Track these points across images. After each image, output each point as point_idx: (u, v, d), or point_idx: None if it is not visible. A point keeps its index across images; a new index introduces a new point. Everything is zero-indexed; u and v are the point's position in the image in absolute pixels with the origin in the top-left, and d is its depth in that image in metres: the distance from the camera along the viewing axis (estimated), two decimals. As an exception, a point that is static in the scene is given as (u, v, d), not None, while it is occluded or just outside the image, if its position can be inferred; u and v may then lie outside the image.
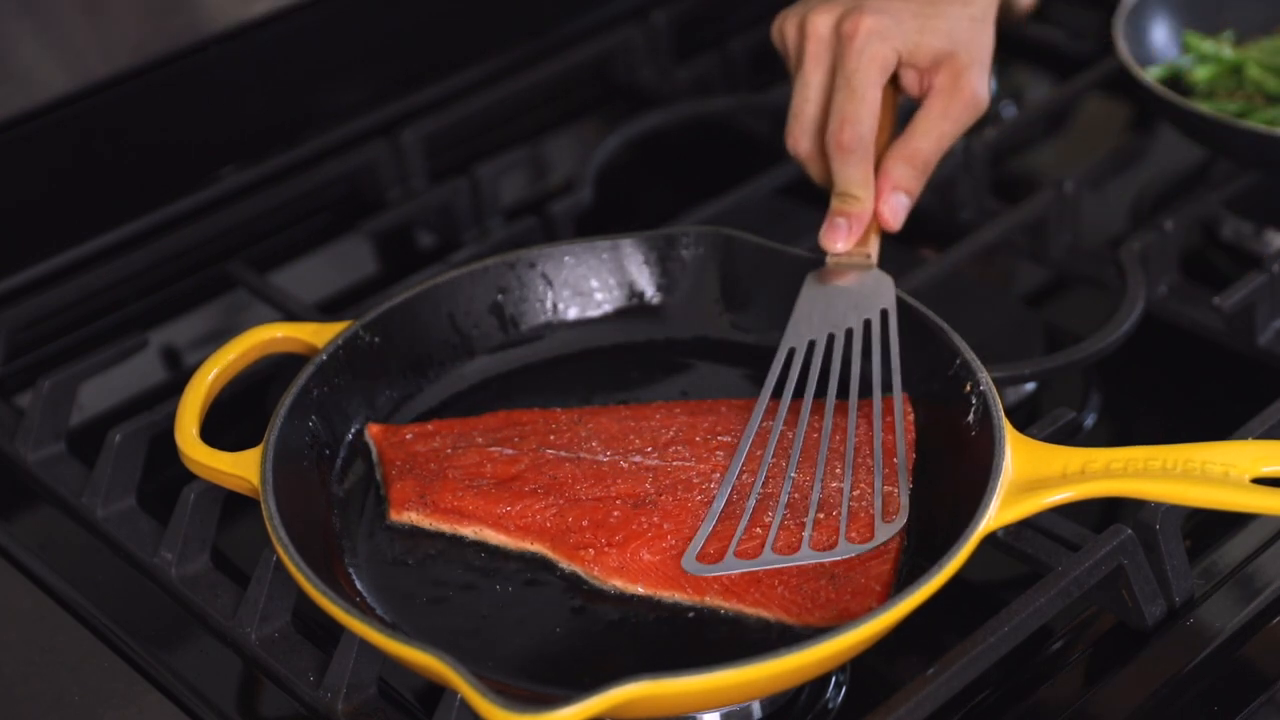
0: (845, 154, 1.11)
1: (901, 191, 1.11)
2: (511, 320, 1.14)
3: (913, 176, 1.12)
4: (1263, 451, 0.93)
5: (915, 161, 1.12)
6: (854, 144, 1.10)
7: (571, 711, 0.83)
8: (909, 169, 1.11)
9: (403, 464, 1.05)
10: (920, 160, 1.12)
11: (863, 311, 1.07)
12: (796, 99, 1.15)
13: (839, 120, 1.11)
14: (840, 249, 1.10)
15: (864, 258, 1.10)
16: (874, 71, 1.11)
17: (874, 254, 1.10)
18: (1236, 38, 1.38)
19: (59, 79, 1.28)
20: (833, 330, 1.06)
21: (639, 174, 1.50)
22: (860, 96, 1.11)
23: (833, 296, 1.08)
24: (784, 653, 0.86)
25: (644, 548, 0.98)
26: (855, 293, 1.08)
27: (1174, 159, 1.42)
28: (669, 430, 1.06)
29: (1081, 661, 1.00)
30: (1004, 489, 0.94)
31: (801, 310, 1.08)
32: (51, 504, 1.15)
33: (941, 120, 1.12)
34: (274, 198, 1.39)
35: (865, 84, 1.11)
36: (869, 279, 1.09)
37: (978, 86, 1.13)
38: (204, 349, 1.31)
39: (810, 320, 1.08)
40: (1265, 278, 1.18)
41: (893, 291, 1.07)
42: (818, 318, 1.08)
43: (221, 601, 1.05)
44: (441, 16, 1.46)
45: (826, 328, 1.07)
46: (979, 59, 1.14)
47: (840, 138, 1.11)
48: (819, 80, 1.14)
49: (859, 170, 1.11)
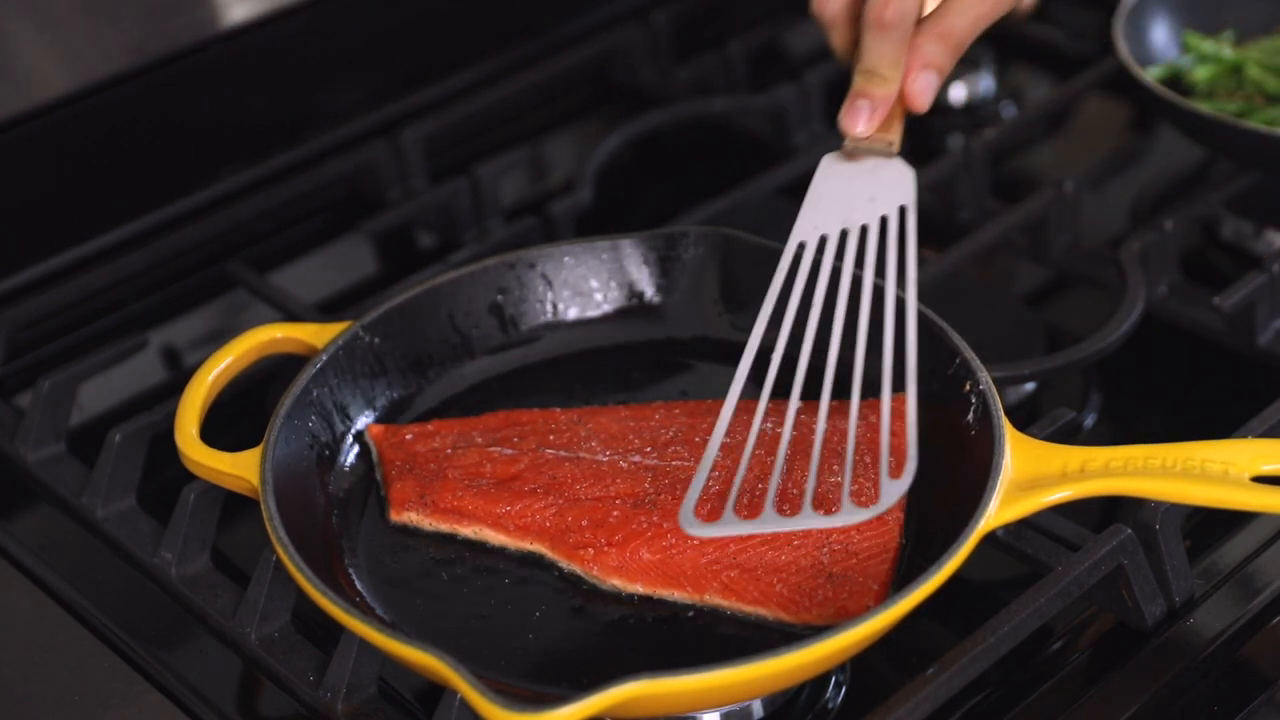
0: (884, 30, 1.02)
1: (932, 70, 1.03)
2: (511, 320, 1.14)
3: (944, 54, 1.04)
4: (1262, 450, 0.93)
5: (949, 40, 1.04)
6: (897, 21, 1.01)
7: (571, 711, 0.83)
8: (940, 47, 1.03)
9: (403, 464, 1.05)
10: (954, 39, 1.04)
11: (879, 205, 1.01)
12: None
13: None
14: (861, 133, 1.03)
15: (885, 144, 1.03)
16: None
17: (896, 141, 1.04)
18: (1236, 38, 1.38)
19: (59, 79, 1.28)
20: (846, 224, 1.00)
21: (639, 174, 1.50)
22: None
23: (849, 183, 1.02)
24: (784, 652, 0.86)
25: (643, 547, 0.98)
26: (873, 182, 1.02)
27: (1174, 159, 1.42)
28: (669, 430, 1.06)
29: (1081, 661, 1.00)
30: (1003, 488, 0.94)
31: (814, 196, 1.02)
32: (51, 504, 1.15)
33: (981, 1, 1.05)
34: (274, 198, 1.39)
35: None
36: (889, 168, 1.02)
37: None
38: (204, 349, 1.31)
39: (823, 209, 1.01)
40: (1265, 278, 1.18)
41: (913, 185, 1.01)
42: (831, 207, 1.01)
43: (221, 601, 1.05)
44: (441, 16, 1.47)
45: (839, 220, 1.01)
46: None
47: (884, 13, 1.01)
48: None
49: (894, 49, 1.02)
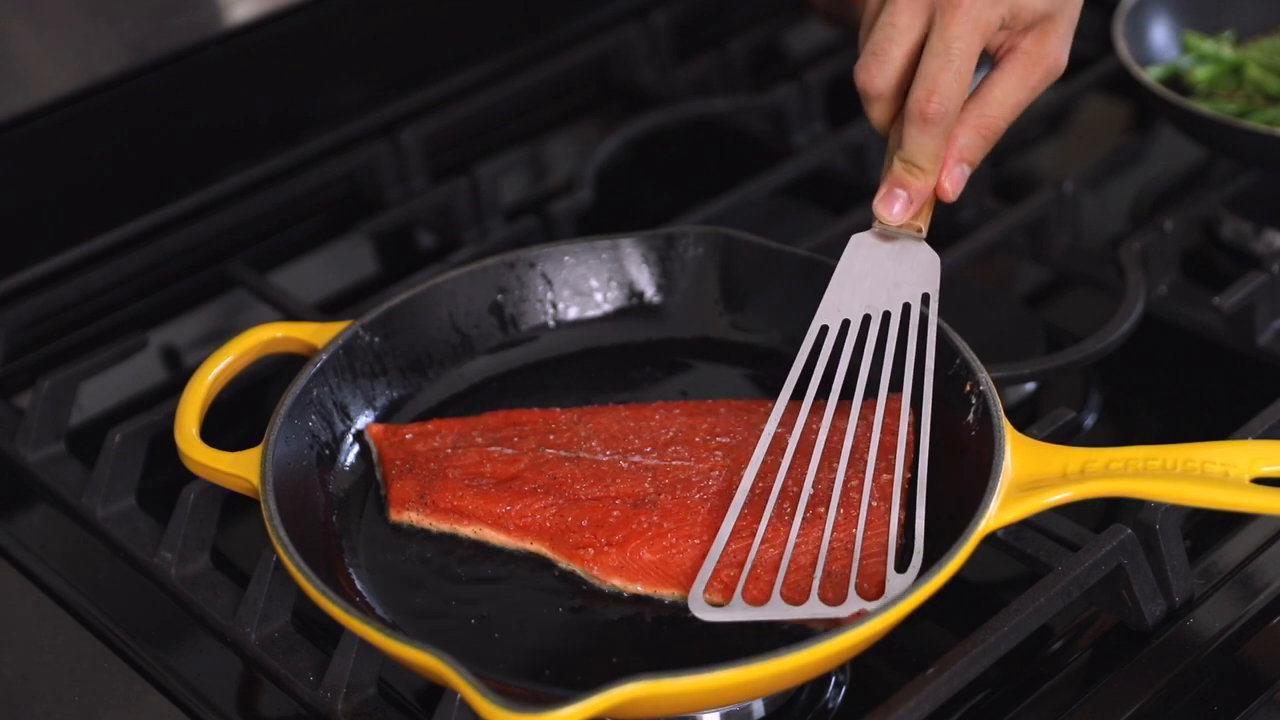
0: (926, 125, 1.02)
1: (966, 163, 1.04)
2: (511, 320, 1.14)
3: (981, 149, 1.05)
4: (1262, 451, 0.93)
5: (987, 132, 1.04)
6: (939, 118, 1.01)
7: (571, 711, 0.83)
8: (978, 140, 1.04)
9: (403, 464, 1.05)
10: (992, 131, 1.05)
11: (904, 291, 1.02)
12: (879, 36, 1.04)
13: (927, 88, 1.01)
14: (895, 221, 1.04)
15: (916, 230, 1.05)
16: (976, 41, 1.01)
17: (925, 227, 1.05)
18: (1236, 38, 1.38)
19: (59, 79, 1.28)
20: (869, 310, 1.02)
21: (639, 174, 1.50)
22: (956, 70, 1.01)
23: (876, 265, 1.03)
24: (784, 652, 0.86)
25: (643, 547, 0.98)
26: (899, 266, 1.03)
27: (1174, 159, 1.42)
28: (669, 430, 1.06)
29: (1081, 661, 1.00)
30: (1004, 489, 0.94)
31: (841, 276, 1.03)
32: (51, 504, 1.15)
33: (1020, 89, 1.05)
34: (274, 198, 1.39)
35: (964, 55, 1.01)
36: (917, 253, 1.04)
37: (1061, 51, 1.05)
38: (204, 349, 1.31)
39: (848, 292, 1.03)
40: (1265, 278, 1.18)
41: (938, 272, 1.03)
42: (857, 291, 1.03)
43: (221, 601, 1.05)
44: (441, 16, 1.46)
45: (863, 305, 1.02)
46: (1071, 19, 1.05)
47: (926, 107, 1.01)
48: (911, 24, 1.03)
49: (935, 144, 1.03)
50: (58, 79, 1.28)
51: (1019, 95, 1.05)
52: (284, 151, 1.41)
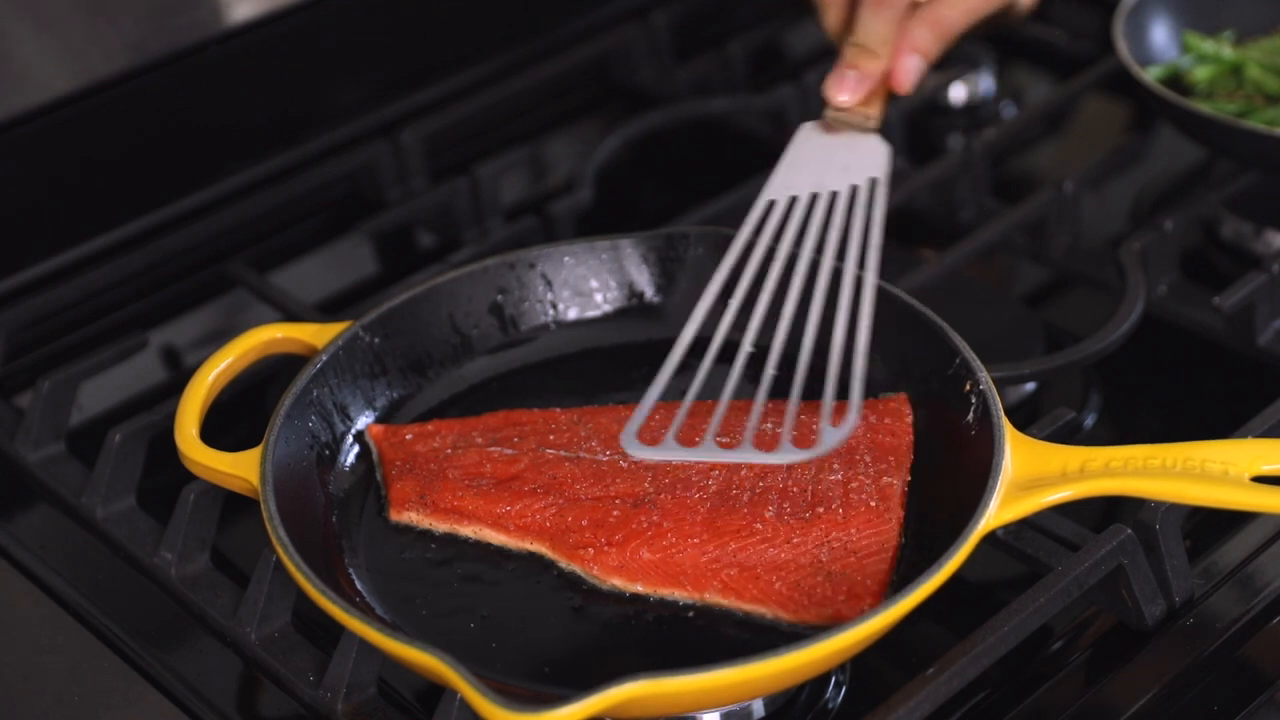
0: (879, 7, 1.05)
1: (920, 55, 1.06)
2: (511, 320, 1.14)
3: (934, 42, 1.06)
4: (1262, 450, 0.93)
5: (940, 28, 1.06)
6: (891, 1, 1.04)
7: (571, 711, 0.83)
8: (931, 34, 1.06)
9: (403, 464, 1.05)
10: (945, 28, 1.07)
11: (852, 175, 1.03)
12: None
13: None
14: (843, 102, 1.06)
15: (864, 118, 1.06)
16: None
17: (876, 116, 1.06)
18: (1236, 38, 1.38)
19: (59, 79, 1.28)
20: (816, 189, 1.03)
21: (639, 174, 1.50)
22: None
23: (824, 151, 1.04)
24: (784, 652, 0.86)
25: (643, 546, 0.98)
26: (848, 153, 1.04)
27: (1174, 159, 1.42)
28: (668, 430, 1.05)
29: (1081, 661, 1.00)
30: (1004, 488, 0.94)
31: (790, 159, 1.04)
32: (51, 504, 1.15)
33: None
34: (274, 198, 1.39)
35: None
36: (865, 142, 1.05)
37: None
38: (204, 349, 1.31)
39: (796, 172, 1.04)
40: (1265, 278, 1.18)
41: (886, 160, 1.03)
42: (805, 171, 1.03)
43: (221, 601, 1.05)
44: (441, 16, 1.47)
45: (810, 185, 1.03)
46: None
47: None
48: None
49: (886, 26, 1.05)
50: (57, 79, 1.28)
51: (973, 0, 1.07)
52: (284, 151, 1.41)
